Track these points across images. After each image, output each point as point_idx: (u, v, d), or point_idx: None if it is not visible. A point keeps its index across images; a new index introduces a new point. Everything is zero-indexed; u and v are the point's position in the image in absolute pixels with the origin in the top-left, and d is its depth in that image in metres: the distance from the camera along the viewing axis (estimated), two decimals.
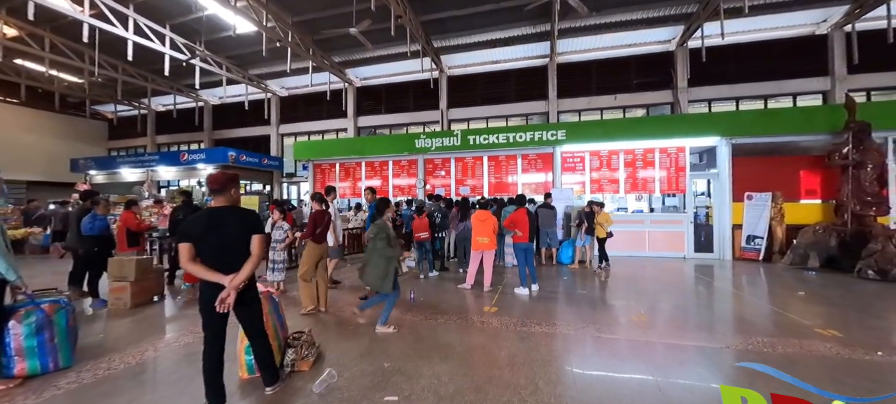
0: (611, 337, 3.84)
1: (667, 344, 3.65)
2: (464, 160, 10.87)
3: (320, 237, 4.74)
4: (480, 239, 5.74)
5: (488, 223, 5.72)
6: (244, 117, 17.62)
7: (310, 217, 4.82)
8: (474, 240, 5.79)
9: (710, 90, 11.83)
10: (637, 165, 9.48)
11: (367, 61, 14.45)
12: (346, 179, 12.10)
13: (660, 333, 3.93)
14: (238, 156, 14.11)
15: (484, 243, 5.72)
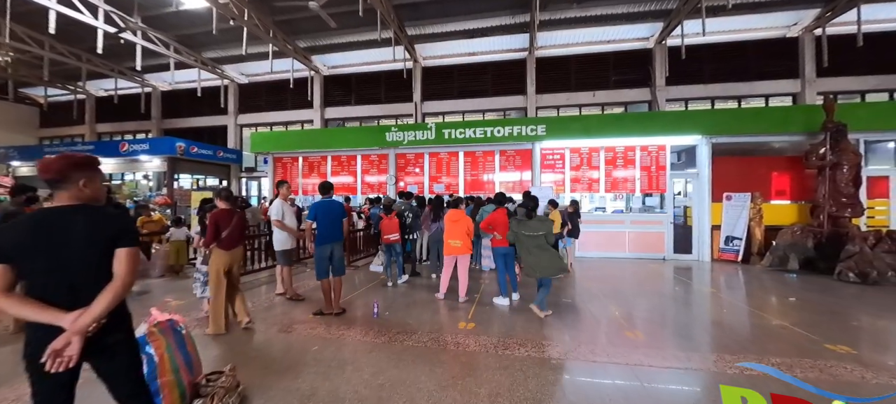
0: (607, 361, 3.27)
1: (674, 369, 3.12)
2: (438, 155, 10.16)
3: (228, 242, 3.89)
4: (453, 242, 5.07)
5: (461, 224, 5.06)
6: (199, 105, 16.06)
7: (210, 218, 3.95)
8: (446, 243, 5.11)
9: (687, 89, 11.76)
10: (618, 163, 9.14)
11: (335, 47, 13.43)
12: (310, 175, 11.09)
13: (661, 354, 3.40)
14: (188, 148, 12.71)
15: (456, 247, 5.05)
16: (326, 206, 4.44)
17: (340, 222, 4.49)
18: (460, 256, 5.10)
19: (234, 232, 3.95)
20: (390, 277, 6.15)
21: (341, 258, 4.52)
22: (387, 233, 5.92)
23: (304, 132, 11.54)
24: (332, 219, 4.44)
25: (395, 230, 5.89)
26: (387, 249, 6.10)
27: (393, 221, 5.94)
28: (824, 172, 7.59)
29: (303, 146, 10.96)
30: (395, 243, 6.03)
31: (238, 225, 4.00)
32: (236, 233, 3.98)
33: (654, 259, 8.74)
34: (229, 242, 3.90)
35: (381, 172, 10.58)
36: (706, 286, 6.41)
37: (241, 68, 15.17)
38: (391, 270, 6.17)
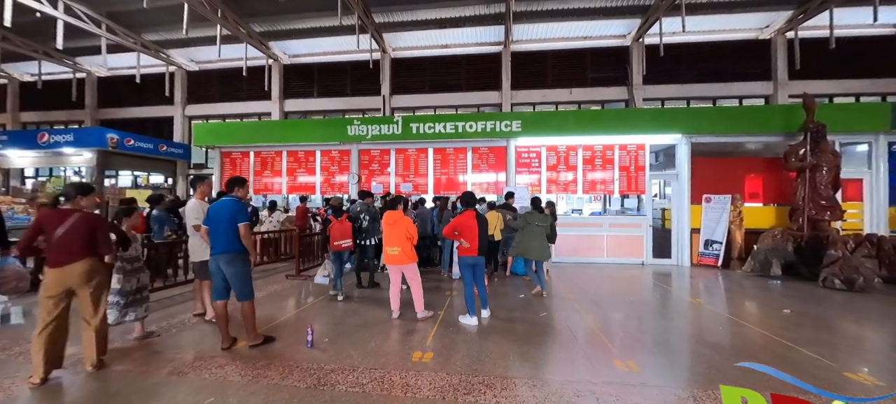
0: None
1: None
2: (406, 152, 9.30)
3: (57, 255, 2.84)
4: (390, 249, 4.26)
5: (398, 227, 4.24)
6: (142, 94, 14.41)
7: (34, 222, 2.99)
8: (384, 251, 4.29)
9: (664, 89, 11.50)
10: (596, 163, 8.62)
11: (295, 34, 12.30)
12: (262, 172, 9.94)
13: (663, 396, 2.71)
14: (122, 140, 11.19)
15: (394, 255, 4.24)
16: (216, 208, 3.49)
17: (233, 228, 3.37)
18: (404, 267, 4.28)
19: (67, 241, 2.85)
20: (340, 290, 5.23)
21: (241, 276, 3.43)
22: (336, 238, 5.00)
23: (255, 124, 10.35)
24: (219, 223, 3.40)
25: (346, 236, 4.98)
26: (336, 257, 5.18)
27: (344, 225, 5.03)
28: (804, 174, 7.34)
29: (255, 140, 9.79)
30: (347, 250, 5.12)
31: (77, 230, 2.88)
32: (73, 244, 2.86)
33: (633, 264, 8.26)
34: (58, 256, 2.84)
35: (344, 170, 9.60)
36: (693, 296, 5.90)
37: (190, 53, 13.71)
38: (340, 282, 5.26)
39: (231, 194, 3.56)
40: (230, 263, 3.41)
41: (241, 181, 3.65)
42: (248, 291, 3.50)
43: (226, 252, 3.41)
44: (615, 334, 4.00)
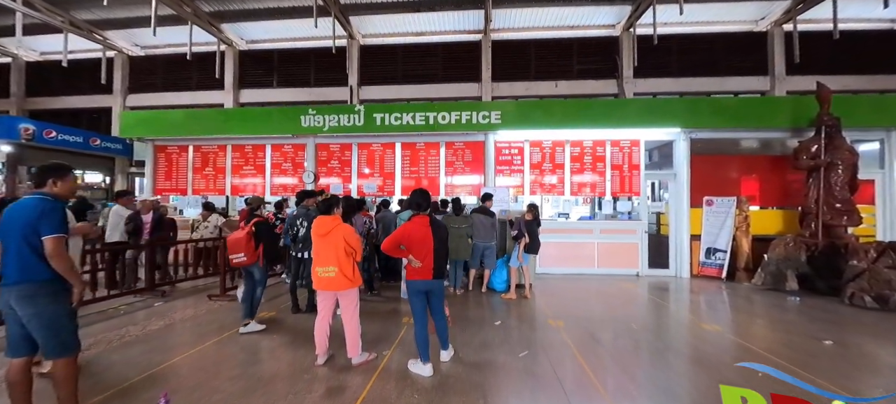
0: None
1: None
2: (369, 147, 8.08)
3: None
4: (322, 270, 3.07)
5: (333, 239, 3.07)
6: (76, 82, 12.72)
7: None
8: (313, 272, 3.10)
9: (655, 83, 10.65)
10: (585, 161, 7.61)
11: (251, 15, 10.93)
12: (203, 169, 8.53)
13: None
14: (40, 132, 9.56)
15: (328, 277, 3.05)
16: (7, 213, 2.23)
17: (31, 244, 2.13)
18: (340, 294, 3.09)
19: None
20: (252, 318, 3.97)
21: (48, 320, 2.15)
22: (233, 251, 3.73)
23: (195, 113, 8.92)
24: (8, 237, 2.17)
25: (241, 248, 3.71)
26: (246, 275, 3.93)
27: (240, 235, 3.76)
28: (817, 174, 6.49)
29: (194, 131, 8.39)
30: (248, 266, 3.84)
31: None
32: None
33: (627, 276, 7.26)
34: None
35: (299, 167, 8.30)
36: (705, 319, 4.88)
37: (133, 36, 12.13)
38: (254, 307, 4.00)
39: (41, 190, 2.29)
40: (29, 301, 2.13)
41: (60, 169, 2.37)
42: (62, 344, 2.21)
43: (19, 283, 2.13)
44: (617, 381, 2.90)
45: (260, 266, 3.84)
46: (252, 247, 3.73)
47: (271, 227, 4.05)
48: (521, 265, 5.43)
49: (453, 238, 5.53)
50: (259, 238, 3.80)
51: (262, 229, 3.86)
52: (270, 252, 4.00)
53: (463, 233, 5.79)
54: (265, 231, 3.89)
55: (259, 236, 3.80)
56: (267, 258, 3.91)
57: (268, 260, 3.94)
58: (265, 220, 3.98)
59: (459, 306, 5.07)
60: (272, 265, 4.04)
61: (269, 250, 3.96)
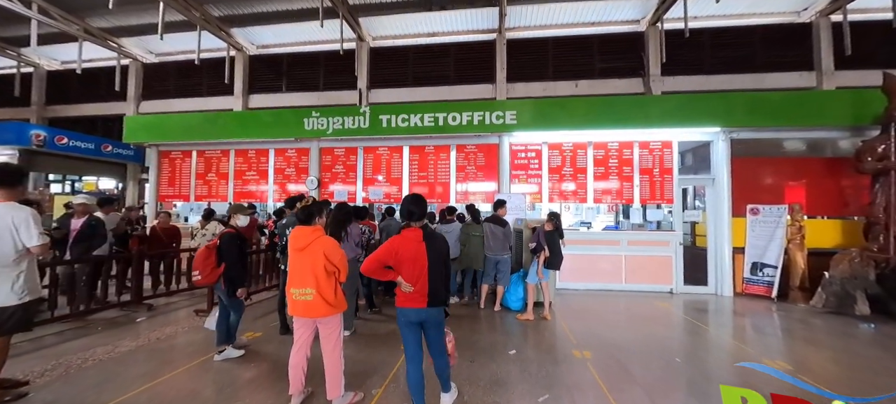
0: None
1: None
2: (376, 151, 7.62)
3: None
4: (297, 292, 2.53)
5: (311, 254, 2.53)
6: (92, 90, 12.85)
7: None
8: (288, 293, 2.55)
9: (685, 81, 9.81)
10: (610, 165, 6.90)
11: (260, 18, 10.73)
12: (206, 174, 8.26)
13: None
14: (51, 138, 9.57)
15: (305, 302, 2.50)
16: None
17: None
18: (320, 321, 2.54)
19: None
20: (230, 344, 3.47)
21: None
22: (194, 267, 3.24)
23: (197, 116, 8.69)
24: None
25: (198, 264, 3.21)
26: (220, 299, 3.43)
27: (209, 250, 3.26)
28: (887, 178, 5.59)
29: (197, 135, 8.14)
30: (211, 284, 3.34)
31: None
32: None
33: (660, 293, 6.47)
34: None
35: (303, 173, 7.91)
36: (764, 350, 4.09)
37: (147, 43, 12.17)
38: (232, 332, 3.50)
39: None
40: None
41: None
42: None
43: None
44: None
45: (223, 288, 3.32)
46: (211, 264, 3.22)
47: (239, 243, 3.44)
48: (541, 281, 4.77)
49: (474, 246, 5.37)
50: (220, 255, 3.28)
51: (226, 245, 3.32)
52: (234, 272, 3.37)
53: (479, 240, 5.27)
54: (229, 247, 3.33)
55: (220, 252, 3.28)
56: (228, 279, 3.35)
57: (228, 281, 3.36)
58: (235, 234, 3.44)
59: (468, 328, 4.45)
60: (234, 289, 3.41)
61: (234, 270, 3.35)
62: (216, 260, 3.25)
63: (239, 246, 3.42)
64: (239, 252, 3.40)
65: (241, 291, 3.39)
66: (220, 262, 3.28)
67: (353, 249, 4.04)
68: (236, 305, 3.46)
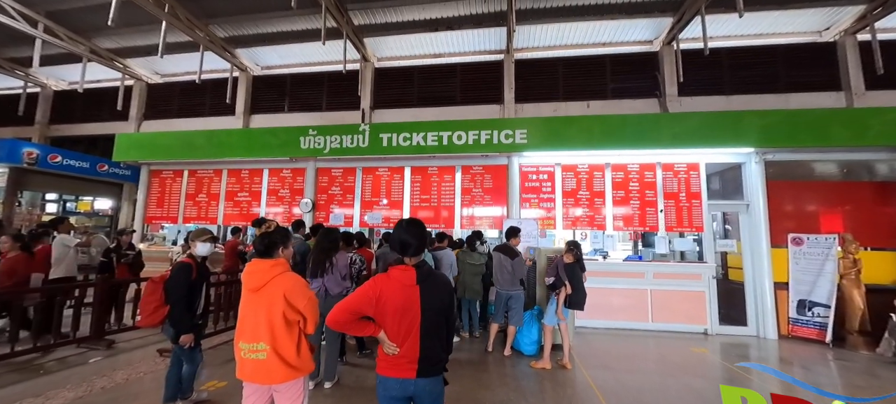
0: None
1: None
2: (375, 172, 7.13)
3: None
4: (246, 348, 1.91)
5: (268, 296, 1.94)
6: (95, 110, 12.77)
7: None
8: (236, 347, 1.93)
9: (704, 101, 9.29)
10: (631, 188, 6.29)
11: (264, 39, 10.58)
12: (197, 194, 7.81)
13: None
14: (44, 156, 9.28)
15: (255, 362, 1.90)
16: None
17: None
18: (277, 388, 1.91)
19: None
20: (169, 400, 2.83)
21: None
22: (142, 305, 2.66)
23: (187, 134, 8.35)
24: None
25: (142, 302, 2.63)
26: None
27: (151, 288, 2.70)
28: None
29: (187, 154, 7.76)
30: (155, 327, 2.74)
31: None
32: None
33: (692, 334, 5.69)
34: None
35: (298, 194, 7.42)
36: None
37: (155, 65, 12.12)
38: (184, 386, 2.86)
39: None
40: None
41: None
42: None
43: None
44: None
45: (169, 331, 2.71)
46: (153, 302, 2.64)
47: (190, 278, 2.80)
48: (560, 322, 4.07)
49: (467, 275, 5.04)
50: (167, 292, 2.69)
51: (172, 279, 2.74)
52: (177, 314, 2.73)
53: (477, 270, 4.68)
54: (175, 282, 2.74)
55: (167, 289, 2.69)
56: (172, 323, 2.75)
57: (173, 325, 2.75)
58: (186, 266, 2.86)
59: (472, 379, 3.75)
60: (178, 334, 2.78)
61: (176, 311, 2.72)
62: (163, 296, 2.67)
63: (189, 281, 2.81)
64: (189, 288, 2.79)
65: (183, 338, 2.75)
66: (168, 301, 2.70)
67: (339, 283, 3.43)
68: (188, 354, 2.84)
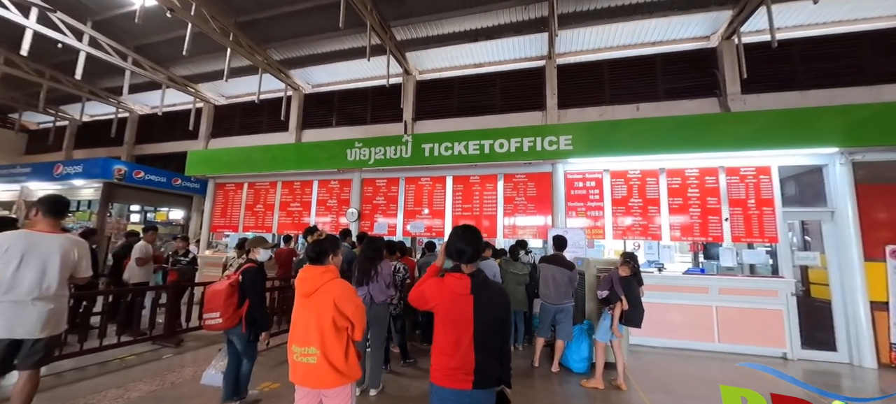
0: None
1: None
2: (418, 182, 7.24)
3: None
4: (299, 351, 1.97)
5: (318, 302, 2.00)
6: (173, 130, 14.32)
7: None
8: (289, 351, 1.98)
9: (774, 98, 8.41)
10: (689, 195, 5.81)
11: (317, 59, 11.29)
12: (255, 205, 8.42)
13: None
14: (130, 172, 10.52)
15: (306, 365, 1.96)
16: None
17: None
18: (325, 393, 1.93)
19: None
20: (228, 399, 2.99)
21: None
22: (207, 308, 2.84)
23: (247, 149, 9.04)
24: None
25: (217, 305, 2.80)
26: (229, 345, 3.00)
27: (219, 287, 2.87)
28: None
29: (246, 168, 8.41)
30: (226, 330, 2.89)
31: None
32: None
33: (768, 357, 5.07)
34: None
35: (344, 204, 7.73)
36: None
37: (220, 88, 13.40)
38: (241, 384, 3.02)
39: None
40: None
41: None
42: None
43: None
44: None
45: (242, 332, 2.89)
46: (232, 304, 2.82)
47: (262, 280, 3.07)
48: (613, 340, 3.81)
49: (510, 284, 4.91)
50: (244, 292, 2.88)
51: (250, 281, 2.94)
52: (259, 313, 2.96)
53: (520, 280, 4.54)
54: (252, 283, 2.95)
55: (243, 290, 2.89)
56: (250, 321, 2.93)
57: (250, 323, 2.95)
58: (259, 269, 3.07)
59: (519, 396, 3.61)
60: (256, 333, 2.99)
61: (258, 310, 2.94)
62: (239, 299, 2.88)
63: (261, 283, 3.04)
64: (262, 290, 3.02)
65: (264, 335, 2.96)
66: (244, 301, 2.90)
67: (384, 291, 3.48)
68: (251, 352, 3.02)
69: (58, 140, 16.32)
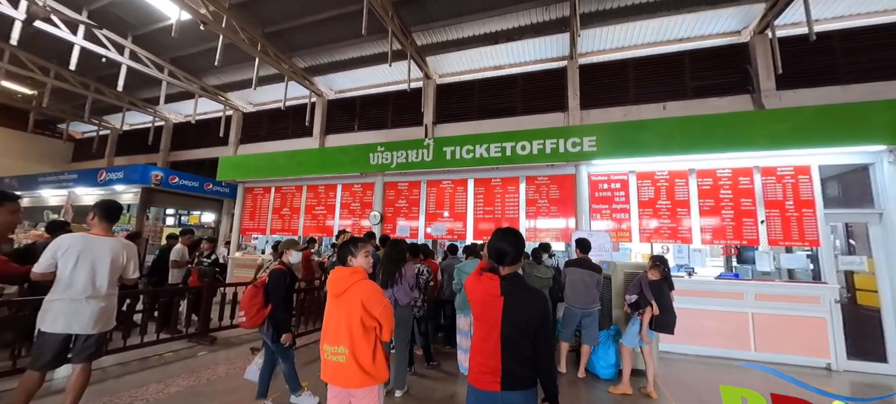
0: None
1: None
2: (439, 185, 7.29)
3: None
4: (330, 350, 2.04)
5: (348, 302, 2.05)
6: (203, 137, 15.00)
7: None
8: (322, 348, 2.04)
9: (813, 94, 7.98)
10: (722, 197, 5.59)
11: (340, 65, 11.58)
12: (282, 209, 8.69)
13: None
14: (166, 178, 11.09)
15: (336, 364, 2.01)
16: None
17: None
18: (353, 393, 1.97)
19: None
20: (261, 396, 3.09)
21: None
22: (243, 307, 2.96)
23: (273, 155, 9.37)
24: None
25: (245, 305, 2.91)
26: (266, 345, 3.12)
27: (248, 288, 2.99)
28: None
29: (273, 172, 8.69)
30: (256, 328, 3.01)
31: None
32: None
33: (811, 368, 4.79)
34: None
35: (367, 208, 7.87)
36: None
37: (249, 96, 13.93)
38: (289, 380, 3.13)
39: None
40: None
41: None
42: None
43: None
44: None
45: (265, 331, 3.00)
46: (256, 304, 2.94)
47: (288, 282, 3.18)
48: (642, 345, 3.71)
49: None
50: (267, 294, 2.99)
51: (273, 283, 3.05)
52: (279, 315, 3.04)
53: (543, 283, 4.46)
54: (277, 286, 3.05)
55: (267, 291, 3.00)
56: (273, 323, 3.03)
57: (273, 325, 3.04)
58: (284, 271, 3.18)
59: None
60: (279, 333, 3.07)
61: (279, 312, 3.03)
62: (263, 300, 2.99)
63: (288, 285, 3.14)
64: (287, 292, 3.11)
65: (285, 337, 3.05)
66: (268, 302, 3.01)
67: (408, 293, 3.53)
68: (284, 353, 3.12)
69: (101, 148, 17.36)
